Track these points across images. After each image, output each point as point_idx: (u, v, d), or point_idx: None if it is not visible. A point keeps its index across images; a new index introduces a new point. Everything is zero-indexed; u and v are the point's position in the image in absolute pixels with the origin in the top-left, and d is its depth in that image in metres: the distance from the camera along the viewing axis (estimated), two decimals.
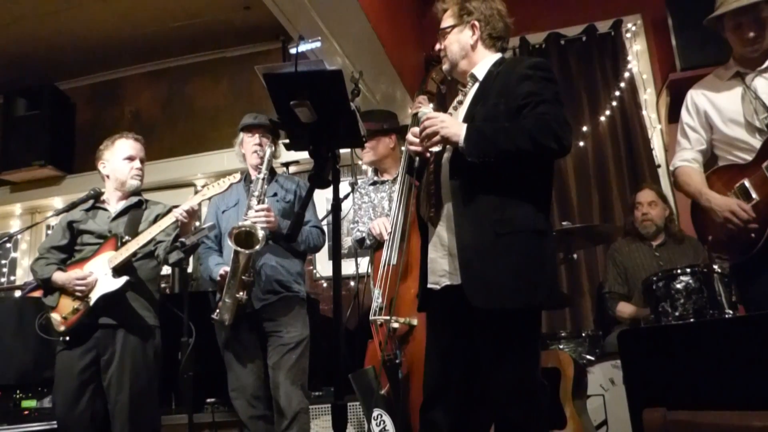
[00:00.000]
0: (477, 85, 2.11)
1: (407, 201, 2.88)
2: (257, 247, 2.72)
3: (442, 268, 2.02)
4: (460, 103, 2.15)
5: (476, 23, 2.12)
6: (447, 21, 2.18)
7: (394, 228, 2.90)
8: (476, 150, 1.88)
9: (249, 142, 3.11)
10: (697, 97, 2.62)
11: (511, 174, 1.92)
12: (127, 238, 2.85)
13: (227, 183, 2.87)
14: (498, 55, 2.15)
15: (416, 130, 2.01)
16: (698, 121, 2.60)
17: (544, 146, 1.86)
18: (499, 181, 1.92)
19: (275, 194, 3.07)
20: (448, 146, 2.00)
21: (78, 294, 2.79)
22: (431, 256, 2.07)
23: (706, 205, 2.49)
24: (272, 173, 3.15)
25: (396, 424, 2.59)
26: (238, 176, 2.94)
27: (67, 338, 2.80)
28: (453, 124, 1.93)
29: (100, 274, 2.81)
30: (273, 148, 3.00)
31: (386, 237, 2.94)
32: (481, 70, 2.11)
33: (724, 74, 2.57)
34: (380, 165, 3.30)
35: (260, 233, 2.73)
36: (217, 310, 2.84)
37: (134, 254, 2.84)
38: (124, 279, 2.78)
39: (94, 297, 2.78)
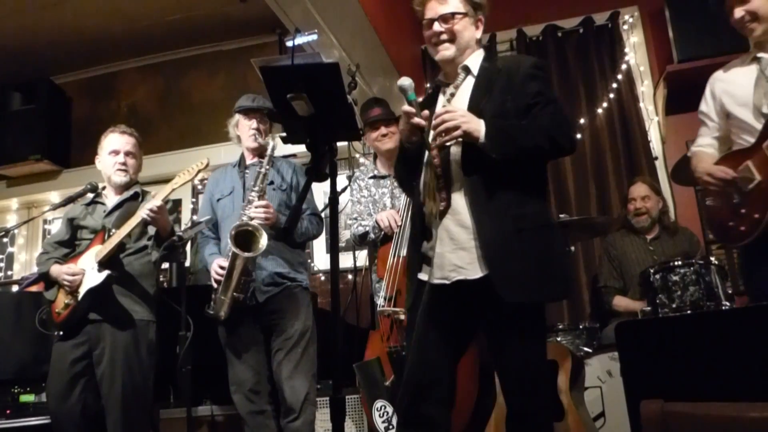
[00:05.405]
0: (469, 78, 2.09)
1: None
2: (255, 253, 2.65)
3: (452, 262, 1.98)
4: (453, 95, 2.11)
5: (482, 19, 2.13)
6: (454, 5, 2.07)
7: (404, 219, 2.89)
8: (499, 147, 1.90)
9: (245, 125, 3.02)
10: (714, 84, 2.59)
11: (525, 170, 1.97)
12: (113, 231, 2.83)
13: (195, 170, 2.81)
14: (481, 50, 2.17)
15: (408, 108, 1.95)
16: (713, 109, 2.58)
17: (559, 145, 1.95)
18: (515, 176, 1.95)
19: (272, 182, 2.98)
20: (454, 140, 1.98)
21: (67, 288, 2.79)
22: (438, 251, 2.02)
23: (698, 178, 2.52)
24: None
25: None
26: (206, 161, 2.84)
27: (61, 333, 2.81)
28: (473, 119, 1.92)
29: (88, 268, 2.80)
30: (275, 142, 2.89)
31: (396, 229, 2.93)
32: (473, 63, 2.10)
33: (746, 58, 2.52)
34: (393, 155, 3.24)
35: (263, 240, 2.65)
36: (212, 303, 2.79)
37: (121, 248, 2.82)
38: (105, 273, 2.74)
39: (82, 292, 2.76)
